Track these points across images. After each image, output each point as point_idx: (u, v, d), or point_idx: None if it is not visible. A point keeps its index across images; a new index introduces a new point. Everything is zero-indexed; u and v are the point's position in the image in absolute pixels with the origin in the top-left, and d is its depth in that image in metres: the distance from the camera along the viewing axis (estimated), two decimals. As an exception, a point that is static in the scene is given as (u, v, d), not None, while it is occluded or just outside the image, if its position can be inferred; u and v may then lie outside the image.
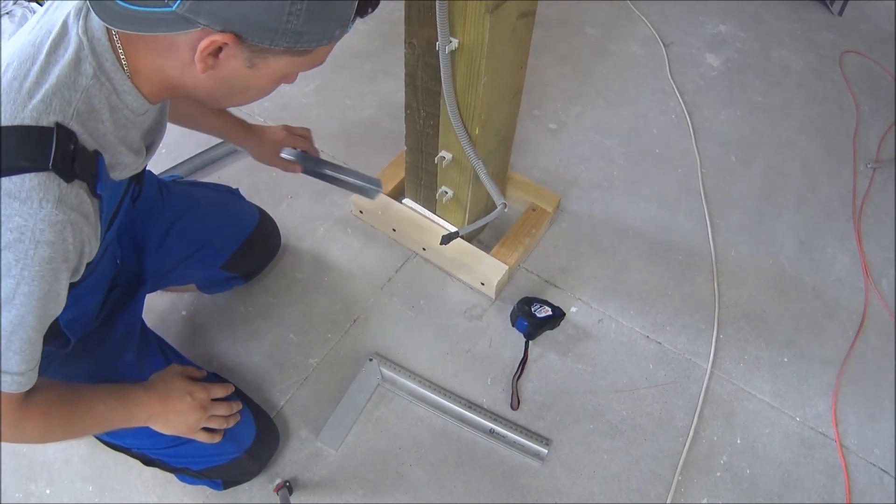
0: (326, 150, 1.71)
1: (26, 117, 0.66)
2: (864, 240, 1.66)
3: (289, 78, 0.76)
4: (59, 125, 0.67)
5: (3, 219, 0.65)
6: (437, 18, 0.98)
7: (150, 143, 0.87)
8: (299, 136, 1.34)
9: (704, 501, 1.21)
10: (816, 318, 1.49)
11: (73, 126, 0.68)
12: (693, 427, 1.28)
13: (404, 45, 1.12)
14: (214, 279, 1.33)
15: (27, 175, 0.65)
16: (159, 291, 1.37)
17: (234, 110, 1.30)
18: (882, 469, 1.27)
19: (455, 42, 1.03)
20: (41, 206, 0.65)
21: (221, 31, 0.62)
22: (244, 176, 1.62)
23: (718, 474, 1.24)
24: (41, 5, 1.89)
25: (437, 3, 0.96)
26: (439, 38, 1.02)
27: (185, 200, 1.19)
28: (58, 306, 0.74)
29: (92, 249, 0.75)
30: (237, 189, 1.35)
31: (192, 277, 1.30)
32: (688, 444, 1.26)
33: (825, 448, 1.29)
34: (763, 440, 1.29)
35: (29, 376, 0.74)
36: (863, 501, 1.23)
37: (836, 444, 1.29)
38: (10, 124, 0.65)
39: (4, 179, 0.64)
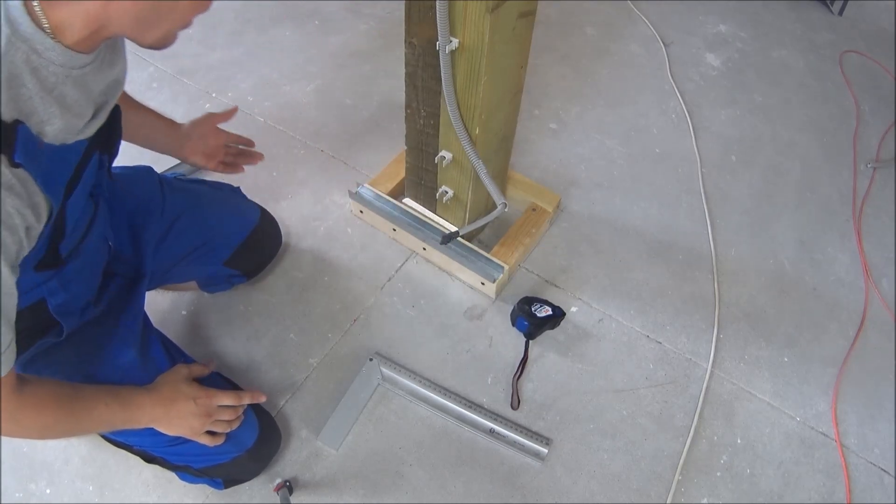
0: (327, 150, 1.71)
1: None
2: (864, 240, 1.66)
3: None
4: None
5: None
6: (438, 18, 0.98)
7: (102, 103, 0.83)
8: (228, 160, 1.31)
9: (704, 501, 1.21)
10: (816, 318, 1.49)
11: None
12: (693, 427, 1.28)
13: (404, 45, 1.12)
14: (216, 277, 1.33)
15: None
16: (160, 291, 1.37)
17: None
18: (882, 469, 1.27)
19: (455, 42, 1.03)
20: None
21: None
22: (245, 175, 1.61)
23: (718, 474, 1.24)
24: None
25: (437, 2, 0.96)
26: (439, 38, 1.02)
27: (187, 198, 1.19)
28: (8, 285, 0.70)
29: (31, 218, 0.72)
30: (238, 187, 1.36)
31: (194, 274, 1.30)
32: (688, 444, 1.26)
33: (825, 448, 1.29)
34: (763, 440, 1.29)
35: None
36: (863, 501, 1.23)
37: (836, 443, 1.29)
38: None
39: None
